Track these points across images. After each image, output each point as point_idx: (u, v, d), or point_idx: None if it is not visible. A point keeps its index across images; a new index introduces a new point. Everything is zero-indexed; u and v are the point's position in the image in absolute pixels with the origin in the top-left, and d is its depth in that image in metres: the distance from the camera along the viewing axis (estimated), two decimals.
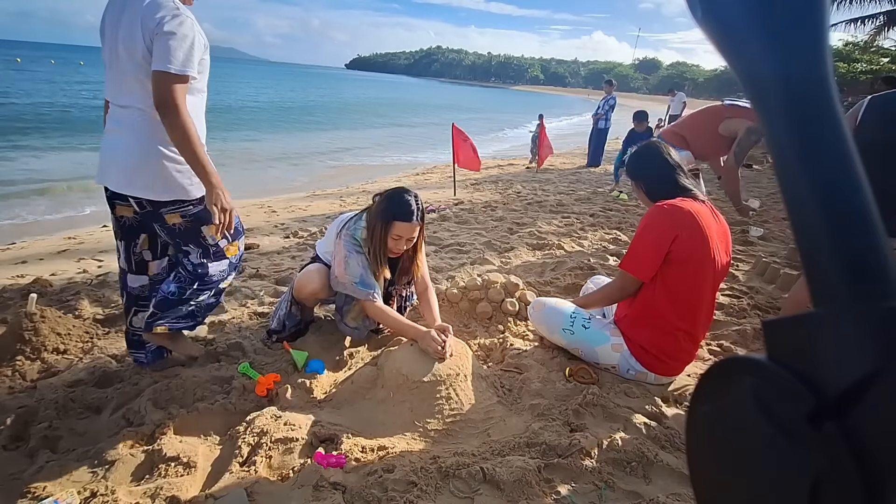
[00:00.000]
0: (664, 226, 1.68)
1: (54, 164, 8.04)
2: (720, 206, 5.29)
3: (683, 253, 1.66)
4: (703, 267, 1.67)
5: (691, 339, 1.78)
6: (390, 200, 1.84)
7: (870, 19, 13.54)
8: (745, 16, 0.33)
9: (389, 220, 1.81)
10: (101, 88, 2.12)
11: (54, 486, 1.30)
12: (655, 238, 1.69)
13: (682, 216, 1.67)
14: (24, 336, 1.92)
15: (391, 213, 1.81)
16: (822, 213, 0.31)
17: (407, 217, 1.81)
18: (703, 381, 0.37)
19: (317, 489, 1.26)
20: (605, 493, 1.32)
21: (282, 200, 6.25)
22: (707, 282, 1.70)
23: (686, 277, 1.69)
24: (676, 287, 1.70)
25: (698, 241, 1.65)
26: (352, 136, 15.71)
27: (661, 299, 1.73)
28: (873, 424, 0.26)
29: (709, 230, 1.67)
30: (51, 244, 3.98)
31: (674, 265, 1.68)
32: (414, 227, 1.83)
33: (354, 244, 1.87)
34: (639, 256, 1.74)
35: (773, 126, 0.33)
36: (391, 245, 1.86)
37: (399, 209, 1.81)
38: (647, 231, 1.73)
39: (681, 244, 1.65)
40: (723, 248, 1.73)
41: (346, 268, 1.85)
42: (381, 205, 1.86)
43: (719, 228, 1.75)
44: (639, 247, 1.75)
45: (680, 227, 1.66)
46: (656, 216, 1.72)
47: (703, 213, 1.70)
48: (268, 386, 1.72)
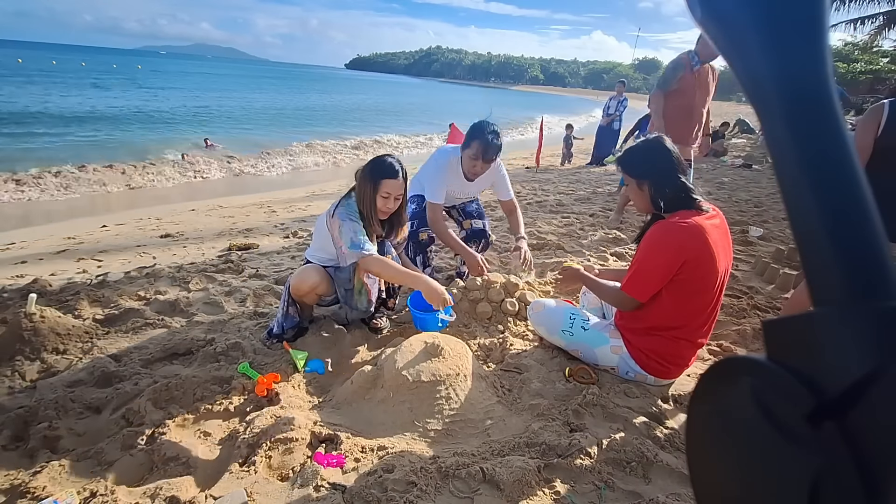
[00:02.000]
0: (672, 251, 1.59)
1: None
2: (718, 205, 5.30)
3: (688, 274, 1.60)
4: (709, 281, 1.62)
5: (693, 345, 1.76)
6: (374, 164, 2.03)
7: (869, 19, 13.54)
8: (745, 16, 0.33)
9: (378, 179, 1.98)
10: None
11: (54, 486, 1.30)
12: (663, 264, 1.61)
13: (693, 238, 1.57)
14: (23, 336, 1.93)
15: (378, 173, 1.98)
16: (822, 213, 0.31)
17: (393, 174, 1.98)
18: (702, 381, 0.37)
19: (317, 489, 1.26)
20: (605, 493, 1.32)
21: (282, 200, 6.25)
22: (712, 294, 1.66)
23: (691, 293, 1.64)
24: (680, 300, 1.66)
25: (706, 260, 1.58)
26: (352, 135, 15.73)
27: (663, 310, 1.70)
28: (873, 424, 0.26)
29: (715, 246, 1.58)
30: (51, 244, 3.97)
31: (678, 282, 1.63)
32: (399, 182, 2.00)
33: (348, 214, 1.98)
34: (644, 281, 1.67)
35: (772, 126, 0.33)
36: (381, 204, 2.01)
37: (384, 169, 1.99)
38: (654, 255, 1.64)
39: (688, 267, 1.59)
40: (725, 254, 1.66)
41: (342, 235, 1.95)
42: (366, 170, 2.02)
43: (723, 237, 1.67)
44: (644, 271, 1.66)
45: (689, 251, 1.57)
46: (665, 238, 1.62)
47: (706, 226, 1.60)
48: (267, 386, 1.72)
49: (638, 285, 1.69)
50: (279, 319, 2.10)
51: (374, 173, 1.98)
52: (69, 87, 23.81)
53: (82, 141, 10.47)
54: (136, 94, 22.72)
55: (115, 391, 1.71)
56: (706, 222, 1.61)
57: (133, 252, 3.66)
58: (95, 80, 30.16)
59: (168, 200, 6.56)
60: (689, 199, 1.66)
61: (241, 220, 4.98)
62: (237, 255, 3.43)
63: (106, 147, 9.84)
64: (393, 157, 2.05)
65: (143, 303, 2.48)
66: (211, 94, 26.95)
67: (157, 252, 3.69)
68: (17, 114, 13.14)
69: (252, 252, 3.56)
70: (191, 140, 11.20)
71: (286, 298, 2.07)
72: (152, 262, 3.33)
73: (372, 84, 78.76)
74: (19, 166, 7.16)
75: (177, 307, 2.45)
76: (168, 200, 6.56)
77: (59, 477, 1.33)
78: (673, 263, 1.60)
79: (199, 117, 16.31)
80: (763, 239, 4.07)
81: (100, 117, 14.12)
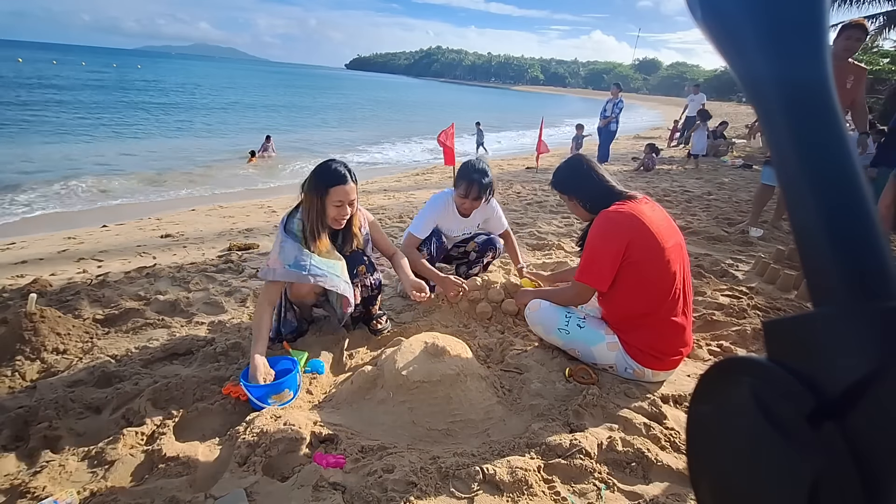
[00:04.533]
0: (616, 233, 1.72)
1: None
2: (718, 205, 5.30)
3: (636, 254, 1.70)
4: (659, 257, 1.70)
5: (678, 328, 1.77)
6: (320, 173, 1.89)
7: (870, 20, 13.53)
8: (745, 16, 0.33)
9: (326, 188, 1.85)
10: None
11: (54, 485, 1.30)
12: (609, 247, 1.74)
13: (629, 219, 1.72)
14: (23, 336, 1.93)
15: (324, 182, 1.85)
16: (822, 213, 0.31)
17: (341, 180, 1.85)
18: (702, 381, 0.37)
19: (317, 489, 1.26)
20: (605, 493, 1.32)
21: (282, 200, 6.25)
22: (669, 267, 1.72)
23: (647, 272, 1.72)
24: (641, 283, 1.74)
25: (647, 238, 1.70)
26: (352, 134, 15.73)
27: (631, 298, 1.77)
28: (873, 425, 0.26)
29: (651, 223, 1.71)
30: (51, 244, 3.98)
31: (632, 265, 1.72)
32: (350, 188, 1.87)
33: (289, 233, 1.90)
34: (596, 267, 1.78)
35: (772, 127, 0.33)
36: (335, 214, 1.90)
37: (331, 176, 1.86)
38: (599, 241, 1.77)
39: (634, 246, 1.70)
40: (669, 232, 1.76)
41: (281, 253, 1.87)
42: (312, 181, 1.88)
43: (659, 214, 1.79)
44: (594, 257, 1.78)
45: (629, 232, 1.70)
46: (605, 225, 1.76)
47: (640, 208, 1.75)
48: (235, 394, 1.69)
49: (590, 273, 1.79)
50: (274, 325, 2.03)
51: (321, 183, 1.86)
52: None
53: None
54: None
55: (115, 391, 1.71)
56: (637, 205, 1.77)
57: (133, 252, 3.66)
58: (146, 83, 30.23)
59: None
60: (615, 193, 1.83)
61: (241, 221, 4.99)
62: (237, 256, 3.43)
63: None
64: (338, 162, 1.91)
65: (143, 303, 2.48)
66: (211, 95, 27.02)
67: (158, 252, 3.69)
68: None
69: (252, 252, 3.56)
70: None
71: (283, 304, 2.04)
72: (152, 262, 3.33)
73: (373, 86, 78.70)
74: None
75: (177, 307, 2.45)
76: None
77: (59, 477, 1.33)
78: (619, 245, 1.71)
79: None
80: (763, 239, 4.07)
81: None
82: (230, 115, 18.15)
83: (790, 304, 2.72)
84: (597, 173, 1.87)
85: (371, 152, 12.62)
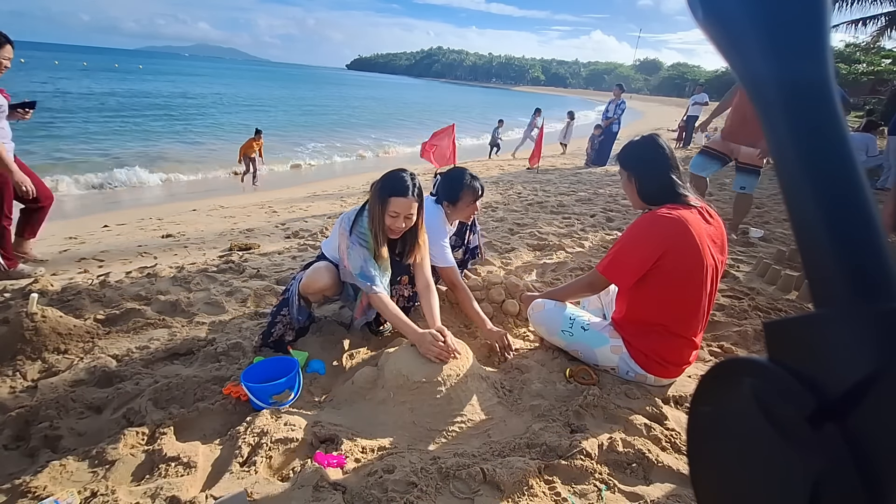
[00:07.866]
0: (653, 240, 1.64)
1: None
2: (719, 205, 5.29)
3: (671, 264, 1.63)
4: (695, 274, 1.63)
5: (689, 343, 1.76)
6: (386, 179, 1.88)
7: (871, 20, 13.51)
8: (746, 17, 0.33)
9: (386, 196, 1.84)
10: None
11: (54, 485, 1.30)
12: (642, 251, 1.66)
13: (674, 228, 1.62)
14: (24, 336, 1.93)
15: (387, 190, 1.84)
16: (823, 214, 0.31)
17: (402, 192, 1.83)
18: (703, 382, 0.37)
19: (317, 489, 1.26)
20: (606, 494, 1.32)
21: (282, 200, 6.26)
22: (700, 287, 1.66)
23: (677, 285, 1.66)
24: (668, 293, 1.68)
25: (689, 251, 1.61)
26: (352, 135, 15.74)
27: (654, 305, 1.72)
28: (874, 425, 0.26)
29: (700, 237, 1.62)
30: (52, 244, 3.98)
31: (662, 273, 1.65)
32: (410, 202, 1.85)
33: (356, 236, 1.89)
34: (621, 265, 1.72)
35: (773, 127, 0.33)
36: (389, 223, 1.87)
37: (394, 185, 1.85)
38: (634, 241, 1.70)
39: (669, 257, 1.62)
40: (717, 249, 1.70)
41: (349, 258, 1.88)
42: (377, 185, 1.89)
43: (712, 231, 1.71)
44: (623, 255, 1.72)
45: (670, 241, 1.62)
46: (647, 227, 1.68)
47: (693, 219, 1.64)
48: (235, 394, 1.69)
49: (614, 268, 1.74)
50: (294, 315, 2.00)
51: (384, 190, 1.85)
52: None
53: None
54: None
55: (115, 391, 1.71)
56: (691, 215, 1.65)
57: (134, 252, 3.66)
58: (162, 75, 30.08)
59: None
60: (675, 194, 1.72)
61: (242, 221, 4.99)
62: (238, 256, 3.43)
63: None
64: (406, 172, 1.88)
65: (144, 303, 2.48)
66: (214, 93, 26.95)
67: (159, 252, 3.69)
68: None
69: (253, 252, 3.56)
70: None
71: (296, 292, 2.01)
72: (153, 262, 3.33)
73: (375, 87, 78.65)
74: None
75: (178, 307, 2.45)
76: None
77: (59, 476, 1.33)
78: (653, 250, 1.64)
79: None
80: (764, 240, 4.06)
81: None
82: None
83: (791, 305, 2.71)
84: (665, 162, 1.73)
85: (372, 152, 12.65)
